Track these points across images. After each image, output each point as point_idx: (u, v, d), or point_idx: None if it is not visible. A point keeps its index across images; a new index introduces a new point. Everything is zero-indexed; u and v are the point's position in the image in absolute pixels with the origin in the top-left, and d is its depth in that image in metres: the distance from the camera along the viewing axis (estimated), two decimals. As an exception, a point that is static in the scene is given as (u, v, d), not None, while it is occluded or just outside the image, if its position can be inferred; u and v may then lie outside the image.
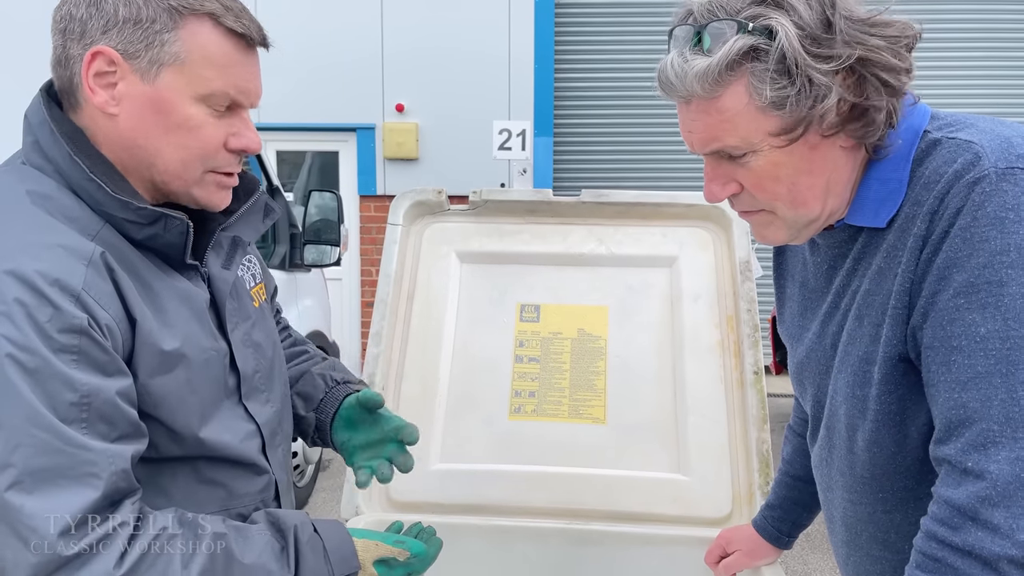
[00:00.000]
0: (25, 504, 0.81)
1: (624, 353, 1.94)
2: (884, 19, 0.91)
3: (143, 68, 0.92)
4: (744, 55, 0.89)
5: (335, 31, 7.02)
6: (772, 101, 0.89)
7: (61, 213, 0.91)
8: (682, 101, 0.95)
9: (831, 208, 0.99)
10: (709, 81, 0.90)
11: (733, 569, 1.57)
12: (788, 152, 0.93)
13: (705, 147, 0.97)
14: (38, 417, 0.82)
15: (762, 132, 0.92)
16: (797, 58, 0.87)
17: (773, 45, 0.87)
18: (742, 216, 1.04)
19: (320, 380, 1.31)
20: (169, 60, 0.92)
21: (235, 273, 1.09)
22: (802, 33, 0.87)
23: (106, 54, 0.91)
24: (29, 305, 0.83)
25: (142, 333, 0.92)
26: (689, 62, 0.91)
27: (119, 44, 0.91)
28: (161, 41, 0.91)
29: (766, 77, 0.88)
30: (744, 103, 0.91)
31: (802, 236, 1.03)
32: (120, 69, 0.92)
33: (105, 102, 0.92)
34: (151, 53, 0.92)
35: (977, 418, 0.84)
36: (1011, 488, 0.81)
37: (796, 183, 0.95)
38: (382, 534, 1.11)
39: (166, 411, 0.94)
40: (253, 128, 1.00)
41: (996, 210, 0.84)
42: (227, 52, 0.95)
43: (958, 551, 0.84)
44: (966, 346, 0.85)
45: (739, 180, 0.97)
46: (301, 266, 4.27)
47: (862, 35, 0.89)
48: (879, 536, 1.04)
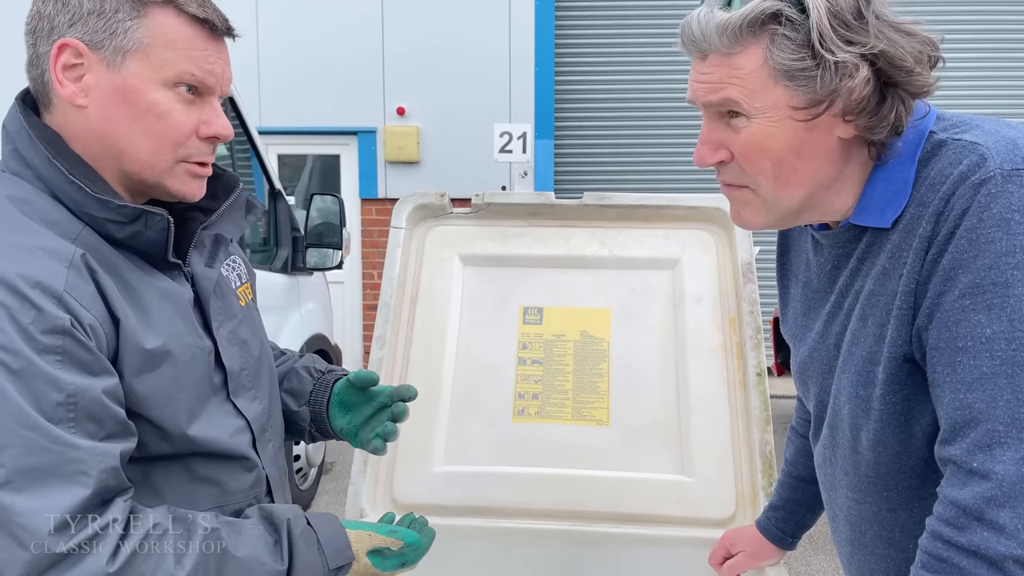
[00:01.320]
0: (16, 503, 0.82)
1: (627, 355, 1.94)
2: (910, 28, 0.92)
3: (108, 57, 0.94)
4: (769, 17, 0.90)
5: (336, 35, 7.04)
6: (785, 70, 0.90)
7: (40, 217, 0.92)
8: (699, 56, 0.97)
9: (818, 203, 1.00)
10: (728, 35, 0.92)
11: (737, 570, 1.57)
12: (784, 127, 0.94)
13: (707, 96, 0.97)
14: (24, 417, 0.83)
15: (767, 100, 0.93)
16: (823, 32, 0.88)
17: (800, 16, 0.89)
18: (724, 191, 1.04)
19: (305, 373, 1.33)
20: (133, 47, 0.94)
21: (219, 271, 1.10)
22: (832, 12, 0.88)
23: (72, 46, 0.93)
24: (12, 308, 0.84)
25: (125, 332, 0.93)
26: (715, 14, 0.93)
27: (84, 35, 0.93)
28: (124, 29, 0.93)
29: (786, 44, 0.90)
30: (758, 65, 0.92)
31: (779, 224, 1.05)
32: (87, 60, 0.93)
33: (73, 93, 0.94)
34: (115, 41, 0.93)
35: (983, 419, 0.84)
36: (1017, 489, 0.81)
37: (783, 160, 0.96)
38: (375, 524, 1.12)
39: (153, 409, 0.95)
40: (223, 115, 1.01)
41: (1002, 211, 0.85)
42: (189, 37, 0.96)
43: (964, 551, 0.84)
44: (972, 347, 0.86)
45: (729, 147, 0.98)
46: (303, 270, 4.28)
47: (891, 33, 0.90)
48: (884, 535, 1.05)
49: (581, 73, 7.33)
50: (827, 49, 0.88)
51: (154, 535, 0.89)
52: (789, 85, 0.91)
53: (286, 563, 0.98)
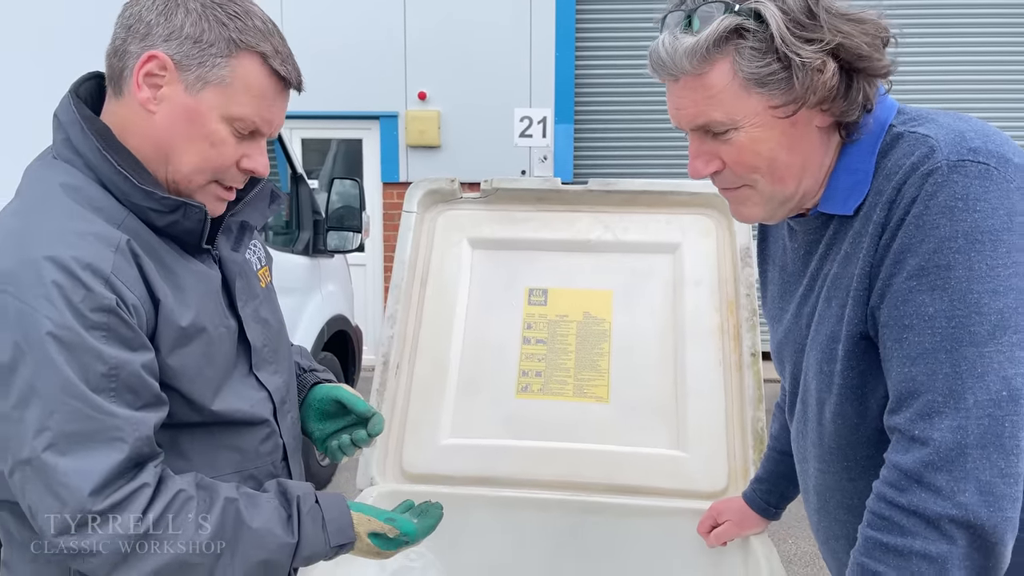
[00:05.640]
0: (59, 464, 0.91)
1: (627, 335, 2.02)
2: (860, 15, 0.99)
3: (190, 81, 1.01)
4: (731, 33, 0.97)
5: (358, 20, 7.11)
6: (755, 78, 0.97)
7: (89, 203, 1.00)
8: (671, 80, 1.03)
9: (805, 188, 1.06)
10: (697, 57, 0.98)
11: (723, 538, 1.66)
12: (769, 128, 1.00)
13: (692, 122, 1.04)
14: (72, 387, 0.91)
15: (746, 109, 0.99)
16: (783, 38, 0.95)
17: (759, 26, 0.95)
18: (723, 193, 1.11)
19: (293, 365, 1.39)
20: (215, 80, 1.02)
21: (243, 255, 1.18)
22: (786, 16, 0.95)
23: (161, 59, 1.00)
24: (65, 287, 0.92)
25: (164, 311, 1.01)
26: (679, 40, 0.99)
27: (176, 54, 1.01)
28: (214, 63, 1.01)
29: (751, 55, 0.96)
30: (729, 79, 0.99)
31: (777, 215, 1.11)
32: (169, 75, 1.01)
33: (147, 99, 1.02)
34: (201, 70, 1.01)
35: (924, 390, 0.92)
36: (952, 454, 0.89)
37: (775, 158, 1.03)
38: (377, 510, 1.20)
39: (185, 382, 1.03)
40: (265, 154, 1.10)
41: (946, 199, 0.92)
42: (265, 88, 1.05)
43: (904, 511, 0.92)
44: (916, 324, 0.93)
45: (722, 157, 1.05)
46: (324, 252, 4.38)
47: (843, 25, 0.97)
48: (845, 502, 1.12)
49: (601, 58, 7.34)
50: (791, 51, 0.94)
51: (180, 500, 0.98)
52: (762, 91, 0.98)
53: (296, 537, 1.07)
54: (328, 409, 1.33)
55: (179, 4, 1.01)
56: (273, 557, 1.05)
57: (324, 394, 1.33)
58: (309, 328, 4.22)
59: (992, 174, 0.91)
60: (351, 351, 4.86)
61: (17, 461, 0.92)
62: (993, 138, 0.94)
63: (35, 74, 2.28)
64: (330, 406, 1.33)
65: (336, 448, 1.32)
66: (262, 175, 1.11)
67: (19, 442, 0.91)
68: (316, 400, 1.34)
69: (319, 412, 1.34)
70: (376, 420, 1.30)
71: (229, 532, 1.01)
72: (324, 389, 1.34)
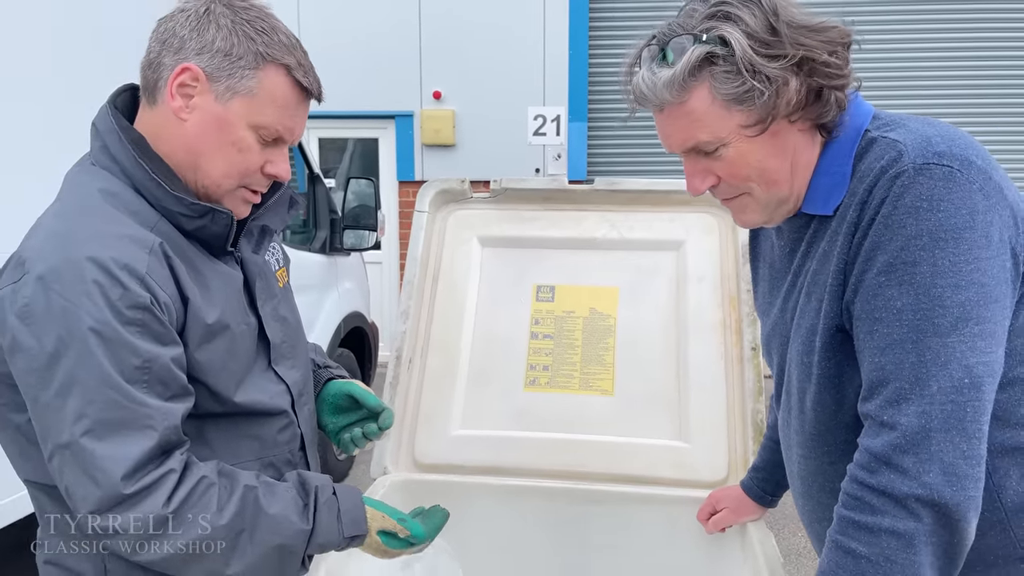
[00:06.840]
0: (96, 449, 0.98)
1: (632, 330, 2.08)
2: (822, 24, 1.05)
3: (219, 91, 1.09)
4: (703, 61, 1.04)
5: (373, 21, 7.19)
6: (734, 97, 1.04)
7: (125, 207, 1.08)
8: (656, 110, 1.11)
9: (798, 187, 1.13)
10: (676, 87, 1.05)
11: (721, 524, 1.73)
12: (754, 141, 1.07)
13: (682, 146, 1.12)
14: (109, 378, 0.99)
15: (730, 126, 1.06)
16: (750, 59, 1.01)
17: (727, 51, 1.02)
18: (724, 204, 1.19)
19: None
20: (243, 91, 1.09)
21: (263, 257, 1.26)
22: (750, 39, 1.02)
23: (193, 71, 1.08)
24: (104, 285, 0.99)
25: (192, 309, 1.09)
26: (657, 74, 1.06)
27: (207, 66, 1.08)
28: (242, 75, 1.09)
29: (724, 78, 1.03)
30: (709, 103, 1.06)
31: (776, 217, 1.17)
32: (200, 86, 1.09)
33: (180, 108, 1.09)
34: (231, 82, 1.09)
35: (892, 378, 0.98)
36: (918, 437, 0.96)
37: (765, 167, 1.10)
38: (390, 508, 1.26)
39: (210, 375, 1.11)
40: (287, 161, 1.18)
41: (912, 200, 0.98)
42: (288, 98, 1.12)
43: (874, 491, 0.98)
44: (885, 317, 0.99)
45: (715, 172, 1.12)
46: (341, 250, 4.46)
47: (803, 38, 1.03)
48: (827, 486, 1.19)
49: (615, 56, 7.37)
50: (758, 71, 1.01)
51: (203, 485, 1.05)
52: (742, 107, 1.05)
53: (311, 525, 1.14)
54: (341, 403, 1.40)
55: (211, 20, 1.08)
56: (288, 542, 1.11)
57: (337, 389, 1.40)
58: (326, 325, 4.31)
59: (956, 176, 0.97)
60: (367, 347, 4.94)
61: (57, 445, 0.99)
62: (958, 142, 1.00)
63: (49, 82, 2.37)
64: (343, 401, 1.40)
65: (348, 440, 1.39)
66: (284, 179, 1.18)
67: (59, 428, 0.99)
68: (330, 395, 1.40)
69: (333, 406, 1.40)
70: (386, 414, 1.37)
71: (248, 517, 1.07)
72: (337, 384, 1.40)
